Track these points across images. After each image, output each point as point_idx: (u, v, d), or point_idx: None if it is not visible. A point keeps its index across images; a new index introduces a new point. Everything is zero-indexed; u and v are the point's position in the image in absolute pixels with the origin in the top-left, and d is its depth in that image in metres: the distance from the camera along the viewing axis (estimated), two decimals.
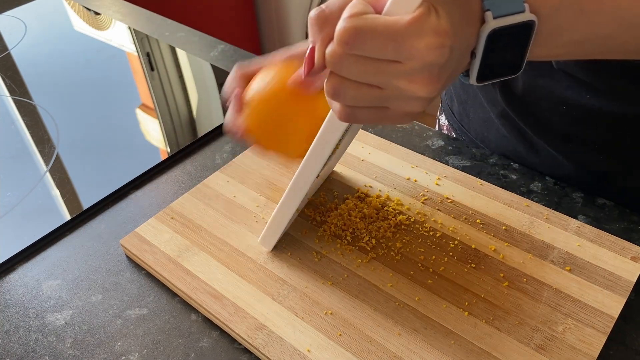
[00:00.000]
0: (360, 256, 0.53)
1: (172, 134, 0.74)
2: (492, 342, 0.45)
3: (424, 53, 0.32)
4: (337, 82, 0.35)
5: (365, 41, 0.33)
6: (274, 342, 0.46)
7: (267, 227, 0.52)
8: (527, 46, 0.37)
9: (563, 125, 0.58)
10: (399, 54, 0.33)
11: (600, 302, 0.47)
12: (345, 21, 0.33)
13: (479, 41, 0.36)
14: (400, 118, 0.38)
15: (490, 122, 0.66)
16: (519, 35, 0.37)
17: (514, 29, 0.36)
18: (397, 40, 0.32)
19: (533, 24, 0.36)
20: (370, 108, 0.37)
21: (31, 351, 0.49)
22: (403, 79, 0.34)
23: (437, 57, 0.33)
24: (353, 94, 0.36)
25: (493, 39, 0.36)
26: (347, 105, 0.37)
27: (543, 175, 0.61)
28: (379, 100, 0.36)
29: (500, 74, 0.39)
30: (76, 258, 0.57)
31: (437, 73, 0.34)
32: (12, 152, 0.71)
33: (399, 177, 0.61)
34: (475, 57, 0.37)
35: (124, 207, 0.62)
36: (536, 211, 0.56)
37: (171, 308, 0.51)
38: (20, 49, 0.93)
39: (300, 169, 0.47)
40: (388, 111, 0.37)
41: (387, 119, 0.38)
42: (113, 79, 0.85)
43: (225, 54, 0.88)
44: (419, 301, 0.49)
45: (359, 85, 0.35)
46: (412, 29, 0.32)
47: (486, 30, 0.35)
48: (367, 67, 0.34)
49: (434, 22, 0.32)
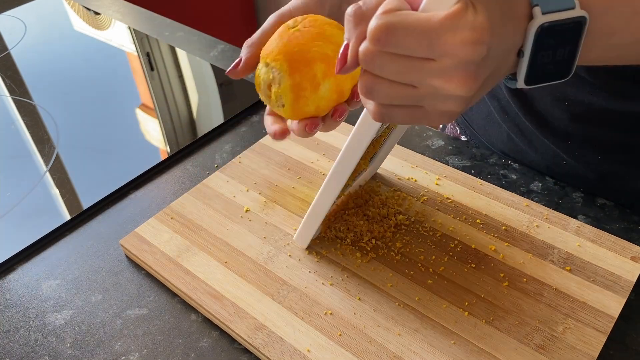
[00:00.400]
0: (360, 256, 0.53)
1: (172, 134, 0.73)
2: (492, 342, 0.45)
3: (458, 49, 0.31)
4: (370, 80, 0.35)
5: (398, 38, 0.32)
6: (274, 342, 0.46)
7: (302, 225, 0.52)
8: (578, 46, 0.36)
9: (564, 121, 0.58)
10: (432, 51, 0.32)
11: (600, 302, 0.47)
12: (377, 18, 0.32)
13: (527, 38, 0.34)
14: (437, 118, 0.36)
15: (492, 117, 0.66)
16: (569, 34, 0.35)
17: (564, 25, 0.34)
18: (431, 36, 0.32)
19: (584, 20, 0.35)
20: (405, 107, 0.36)
21: (31, 351, 0.49)
22: (438, 77, 0.33)
23: (472, 53, 0.32)
24: (386, 93, 0.35)
25: (541, 36, 0.34)
26: (381, 104, 0.36)
27: (543, 175, 0.61)
28: (414, 99, 0.35)
29: (550, 77, 0.37)
30: (76, 258, 0.57)
31: (475, 71, 0.33)
32: (12, 152, 0.71)
33: (398, 177, 0.61)
34: (523, 56, 0.35)
35: (124, 207, 0.62)
36: (536, 211, 0.56)
37: (171, 308, 0.51)
38: (20, 49, 0.93)
39: (333, 169, 0.47)
40: (423, 110, 0.36)
41: (424, 119, 0.36)
42: (113, 79, 0.85)
43: (225, 54, 0.88)
44: (419, 301, 0.49)
45: (393, 83, 0.34)
46: (447, 25, 0.31)
47: (534, 26, 0.34)
48: (400, 65, 0.33)
49: (471, 18, 0.31)
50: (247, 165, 0.64)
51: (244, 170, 0.63)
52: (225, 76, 0.82)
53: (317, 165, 0.63)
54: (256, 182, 0.61)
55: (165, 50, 0.90)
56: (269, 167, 0.63)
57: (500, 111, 0.64)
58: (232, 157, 0.67)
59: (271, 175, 0.62)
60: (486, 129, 0.68)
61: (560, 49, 0.36)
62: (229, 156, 0.68)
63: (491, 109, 0.65)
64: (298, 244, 0.54)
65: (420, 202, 0.58)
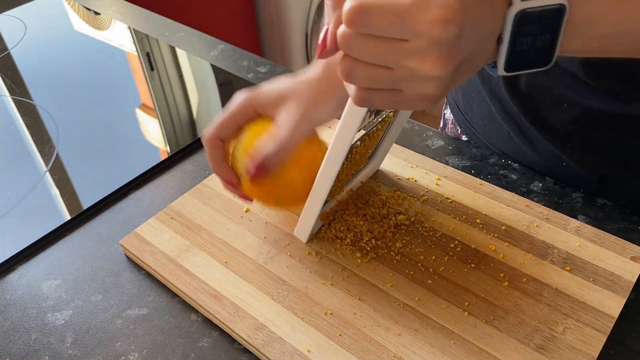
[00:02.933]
0: (360, 256, 0.53)
1: (172, 134, 0.74)
2: (492, 342, 0.45)
3: (429, 28, 0.32)
4: (349, 63, 0.35)
5: (371, 18, 0.32)
6: (274, 342, 0.46)
7: (300, 219, 0.53)
8: (558, 34, 0.36)
9: (563, 123, 0.58)
10: (405, 30, 0.32)
11: (600, 302, 0.47)
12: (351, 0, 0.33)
13: (506, 24, 0.35)
14: (417, 102, 0.37)
15: (493, 117, 0.66)
16: (548, 21, 0.35)
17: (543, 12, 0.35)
18: (403, 16, 0.32)
19: (564, 8, 0.35)
20: (384, 91, 0.36)
21: (31, 351, 0.49)
22: (412, 57, 0.33)
23: (443, 32, 0.32)
24: (364, 75, 0.35)
25: (520, 22, 0.34)
26: (361, 89, 0.36)
27: (543, 175, 0.61)
28: (392, 81, 0.35)
29: (530, 64, 0.37)
30: (76, 258, 0.57)
31: (447, 51, 0.33)
32: (12, 152, 0.71)
33: (398, 177, 0.61)
34: (502, 42, 0.36)
35: (124, 207, 0.62)
36: (536, 211, 0.56)
37: (171, 308, 0.51)
38: (20, 49, 0.93)
39: (325, 161, 0.47)
40: (403, 94, 0.36)
41: (404, 102, 0.37)
42: (113, 79, 0.85)
43: (225, 54, 0.88)
44: (419, 301, 0.49)
45: (370, 66, 0.35)
46: (418, 4, 0.32)
47: (512, 12, 0.34)
48: (375, 47, 0.34)
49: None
50: None
51: None
52: (225, 76, 0.82)
53: None
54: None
55: (166, 51, 0.90)
56: None
57: (502, 111, 0.64)
58: None
59: None
60: (487, 129, 0.68)
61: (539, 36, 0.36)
62: None
63: (492, 109, 0.65)
64: (299, 238, 0.54)
65: (420, 202, 0.58)
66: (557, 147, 0.60)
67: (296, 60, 1.96)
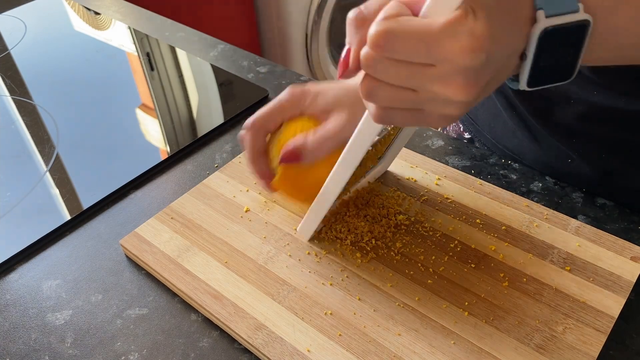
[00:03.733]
0: (360, 256, 0.53)
1: (172, 133, 0.74)
2: (492, 342, 0.45)
3: (457, 56, 0.32)
4: (371, 83, 0.35)
5: (398, 44, 0.32)
6: (274, 342, 0.46)
7: (305, 218, 0.53)
8: (581, 49, 0.36)
9: (569, 119, 0.58)
10: (431, 56, 0.32)
11: (600, 302, 0.47)
12: (377, 24, 0.33)
13: (530, 41, 0.35)
14: (437, 121, 0.37)
15: (498, 113, 0.66)
16: (572, 37, 0.35)
17: (567, 29, 0.34)
18: (430, 43, 0.32)
19: (588, 24, 0.35)
20: (405, 110, 0.36)
21: (31, 351, 0.49)
22: (437, 82, 0.33)
23: (471, 60, 0.32)
24: (386, 96, 0.35)
25: (545, 40, 0.34)
26: (381, 107, 0.36)
27: (543, 175, 0.61)
28: (414, 103, 0.35)
29: (552, 79, 0.37)
30: (76, 258, 0.57)
31: (474, 77, 0.33)
32: (12, 152, 0.71)
33: (398, 177, 0.61)
34: (526, 59, 0.35)
35: (124, 207, 0.62)
36: (536, 211, 0.56)
37: (171, 308, 0.51)
38: (20, 49, 0.93)
39: (338, 163, 0.47)
40: (424, 113, 0.36)
41: (424, 121, 0.37)
42: (113, 79, 0.85)
43: (225, 54, 0.88)
44: (419, 301, 0.49)
45: (393, 87, 0.35)
46: (446, 31, 0.31)
47: (537, 30, 0.34)
48: (400, 70, 0.33)
49: (470, 24, 0.31)
50: None
51: (244, 170, 0.63)
52: (225, 76, 0.83)
53: None
54: (256, 182, 0.61)
55: (166, 51, 0.90)
56: None
57: (508, 107, 0.64)
58: (232, 157, 0.67)
59: None
60: (492, 126, 0.68)
61: (563, 51, 0.36)
62: (229, 156, 0.68)
63: (498, 105, 0.65)
64: (302, 236, 0.54)
65: (420, 202, 0.58)
66: (563, 144, 0.60)
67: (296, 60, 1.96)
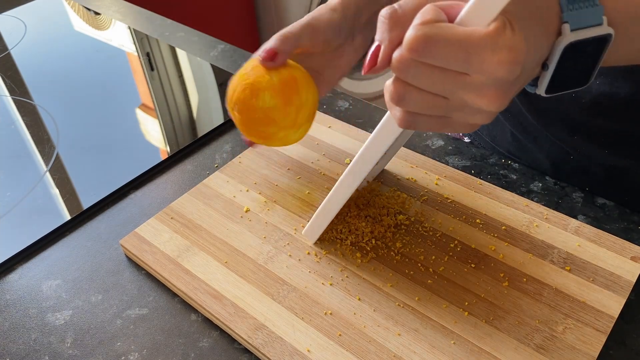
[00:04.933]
0: (360, 256, 0.53)
1: (172, 134, 0.74)
2: (492, 342, 0.45)
3: (495, 68, 0.32)
4: (402, 88, 0.35)
5: (436, 50, 0.32)
6: (274, 342, 0.46)
7: (312, 220, 0.53)
8: (600, 59, 0.36)
9: (571, 115, 0.58)
10: (469, 66, 0.32)
11: (600, 302, 0.47)
12: (417, 28, 0.33)
13: (554, 53, 0.35)
14: (461, 128, 0.37)
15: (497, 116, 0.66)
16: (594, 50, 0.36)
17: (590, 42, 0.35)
18: (470, 52, 0.32)
19: (610, 37, 0.35)
20: (432, 117, 0.36)
21: (31, 351, 0.49)
22: (470, 92, 0.33)
23: (507, 73, 0.32)
24: (417, 102, 0.35)
25: (567, 52, 0.35)
26: (408, 112, 0.36)
27: (543, 175, 0.61)
28: (443, 110, 0.35)
29: (569, 86, 0.38)
30: (76, 258, 0.57)
31: (507, 89, 0.33)
32: (12, 152, 0.71)
33: (398, 177, 0.61)
34: (547, 69, 0.36)
35: (124, 207, 0.62)
36: (536, 211, 0.56)
37: (171, 308, 0.51)
38: (20, 49, 0.93)
39: (350, 168, 0.47)
40: (450, 120, 0.36)
41: (448, 128, 0.37)
42: (113, 79, 0.85)
43: (225, 54, 0.88)
44: (419, 301, 0.49)
45: (424, 93, 0.35)
46: (487, 42, 0.31)
47: (562, 44, 0.34)
48: (434, 77, 0.33)
49: (509, 37, 0.31)
50: (247, 165, 0.64)
51: (244, 170, 0.63)
52: (225, 76, 0.82)
53: (317, 165, 0.63)
54: (256, 182, 0.61)
55: (166, 51, 0.90)
56: (269, 167, 0.63)
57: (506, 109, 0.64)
58: (232, 157, 0.67)
59: (271, 175, 0.62)
60: (490, 129, 0.68)
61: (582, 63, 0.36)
62: (229, 156, 0.68)
63: None
64: (307, 238, 0.54)
65: (420, 202, 0.58)
66: (563, 142, 0.60)
67: None
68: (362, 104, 0.74)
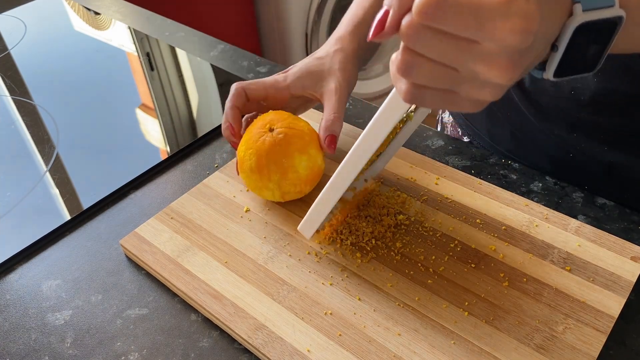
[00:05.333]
0: (360, 256, 0.53)
1: (172, 134, 0.74)
2: (492, 342, 0.45)
3: (507, 36, 0.31)
4: (410, 57, 0.33)
5: (448, 14, 0.31)
6: (274, 342, 0.46)
7: (308, 215, 0.51)
8: (610, 43, 0.36)
9: (570, 112, 0.58)
10: (480, 33, 0.31)
11: (600, 302, 0.47)
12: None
13: (564, 34, 0.34)
14: (467, 105, 0.35)
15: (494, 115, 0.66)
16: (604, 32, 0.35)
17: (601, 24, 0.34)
18: (482, 18, 0.31)
19: (621, 20, 0.35)
20: (439, 90, 0.35)
21: (31, 351, 0.49)
22: (480, 61, 0.32)
23: (519, 41, 0.31)
24: (425, 73, 0.34)
25: (578, 34, 0.34)
26: (414, 84, 0.35)
27: (543, 175, 0.61)
28: (452, 82, 0.34)
29: (578, 70, 0.37)
30: (76, 258, 0.57)
31: (517, 59, 0.32)
32: (12, 152, 0.71)
33: (398, 177, 0.61)
34: (557, 51, 0.35)
35: (124, 207, 0.62)
36: (536, 211, 0.56)
37: (171, 308, 0.51)
38: (20, 49, 0.94)
39: (347, 160, 0.46)
40: (457, 96, 0.35)
41: (455, 104, 0.35)
42: (113, 79, 0.85)
43: (225, 54, 0.88)
44: (419, 301, 0.49)
45: (433, 63, 0.33)
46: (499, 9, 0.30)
47: (573, 24, 0.34)
48: (444, 44, 0.32)
49: (523, 5, 0.30)
50: None
51: None
52: (225, 76, 0.83)
53: None
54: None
55: (166, 51, 0.90)
56: None
57: (502, 108, 0.64)
58: (232, 157, 0.67)
59: None
60: (489, 129, 0.68)
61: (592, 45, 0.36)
62: (229, 156, 0.68)
63: (493, 107, 0.65)
64: (303, 234, 0.53)
65: (420, 202, 0.58)
66: (563, 140, 0.60)
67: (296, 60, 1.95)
68: (362, 104, 0.74)
